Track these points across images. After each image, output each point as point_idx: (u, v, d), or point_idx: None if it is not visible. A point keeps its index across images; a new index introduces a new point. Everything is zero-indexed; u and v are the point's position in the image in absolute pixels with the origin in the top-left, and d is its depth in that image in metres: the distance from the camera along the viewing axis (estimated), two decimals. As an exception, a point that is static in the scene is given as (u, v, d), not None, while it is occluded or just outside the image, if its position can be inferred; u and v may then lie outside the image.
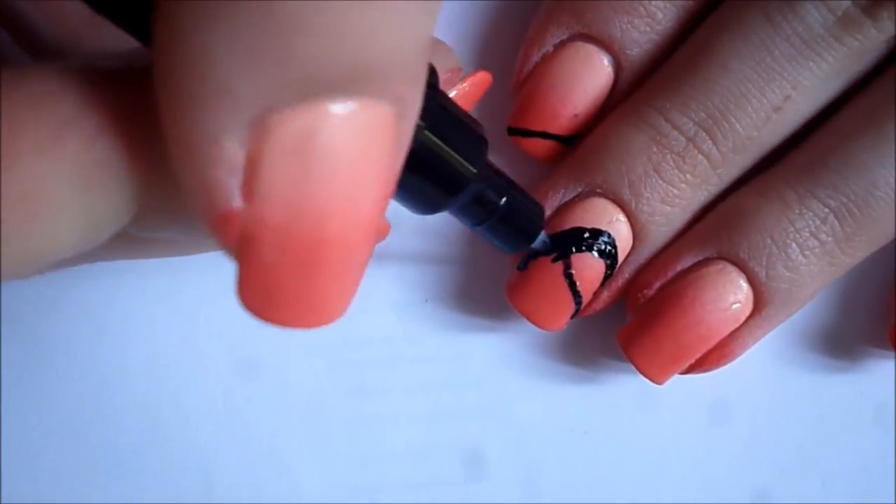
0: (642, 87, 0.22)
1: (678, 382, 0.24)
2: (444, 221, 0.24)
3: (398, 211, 0.25)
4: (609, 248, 0.21)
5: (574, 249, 0.21)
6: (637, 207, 0.21)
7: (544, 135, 0.22)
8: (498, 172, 0.19)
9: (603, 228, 0.21)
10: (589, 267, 0.21)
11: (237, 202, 0.11)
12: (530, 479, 0.24)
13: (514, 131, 0.22)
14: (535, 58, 0.22)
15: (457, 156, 0.16)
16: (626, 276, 0.22)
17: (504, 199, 0.19)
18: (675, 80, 0.21)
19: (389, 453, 0.23)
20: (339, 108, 0.11)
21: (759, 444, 0.24)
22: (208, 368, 0.23)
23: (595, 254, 0.21)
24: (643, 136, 0.21)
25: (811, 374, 0.24)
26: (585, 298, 0.22)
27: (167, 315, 0.24)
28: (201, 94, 0.11)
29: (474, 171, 0.17)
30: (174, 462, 0.23)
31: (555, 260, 0.21)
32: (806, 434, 0.24)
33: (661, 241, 0.22)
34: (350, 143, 0.11)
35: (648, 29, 0.21)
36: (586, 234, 0.21)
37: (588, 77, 0.22)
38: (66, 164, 0.11)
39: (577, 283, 0.21)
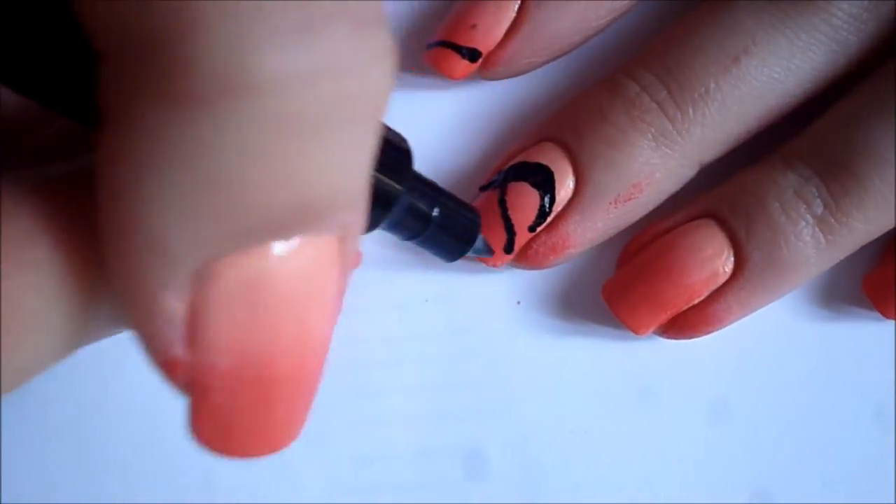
0: None
1: (678, 382, 0.24)
2: (444, 221, 0.24)
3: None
4: (544, 179, 0.21)
5: (511, 180, 0.22)
6: (578, 146, 0.21)
7: (443, 43, 0.22)
8: (428, 183, 0.19)
9: (542, 163, 0.22)
10: (522, 196, 0.22)
11: (179, 351, 0.11)
12: (530, 479, 0.24)
13: (427, 47, 0.23)
14: None
15: (381, 175, 0.16)
16: (571, 222, 0.22)
17: (436, 210, 0.19)
18: (644, 46, 0.22)
19: (389, 453, 0.23)
20: (281, 250, 0.10)
21: (759, 444, 0.24)
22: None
23: (530, 186, 0.22)
24: (599, 87, 0.22)
25: (811, 373, 0.24)
26: (518, 228, 0.22)
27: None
28: (138, 249, 0.10)
29: (400, 187, 0.17)
30: (174, 462, 0.23)
31: (489, 188, 0.22)
32: (806, 434, 0.24)
33: (606, 187, 0.21)
34: (295, 280, 0.11)
35: None
36: (523, 167, 0.22)
37: None
38: (37, 275, 0.11)
39: (509, 211, 0.22)
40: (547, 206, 0.22)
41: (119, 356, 0.23)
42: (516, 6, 0.22)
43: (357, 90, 0.10)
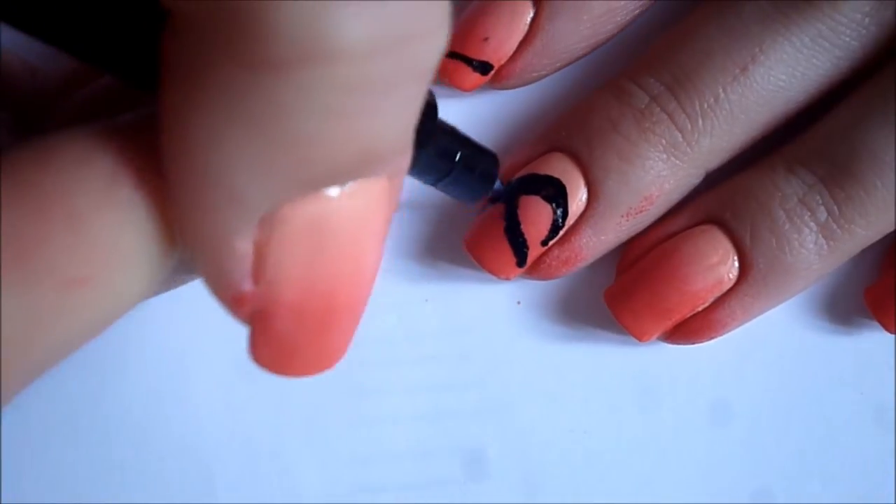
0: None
1: (678, 382, 0.24)
2: (444, 222, 0.24)
3: (397, 212, 0.25)
4: (556, 193, 0.21)
5: (522, 193, 0.22)
6: (590, 159, 0.21)
7: (453, 55, 0.22)
8: (449, 128, 0.19)
9: (554, 175, 0.21)
10: (534, 210, 0.21)
11: (247, 285, 0.12)
12: (530, 479, 0.24)
13: None
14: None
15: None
16: (583, 236, 0.22)
17: (459, 153, 0.19)
18: (648, 50, 0.22)
19: (389, 453, 0.23)
20: (341, 192, 0.11)
21: (759, 444, 0.24)
22: (209, 368, 0.23)
23: (542, 199, 0.21)
24: (608, 95, 0.21)
25: (812, 374, 0.24)
26: (530, 243, 0.22)
27: (168, 314, 0.24)
28: (213, 201, 0.11)
29: (429, 132, 0.17)
30: (175, 462, 0.23)
31: (504, 202, 0.22)
32: (806, 434, 0.24)
33: (619, 201, 0.21)
34: (353, 219, 0.12)
35: None
36: (535, 180, 0.22)
37: (502, 5, 0.22)
38: (124, 213, 0.11)
39: (521, 225, 0.21)
40: (560, 220, 0.21)
41: (119, 356, 0.23)
42: (528, 19, 0.22)
43: (422, 53, 0.11)
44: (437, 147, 0.19)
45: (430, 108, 0.17)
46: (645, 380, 0.24)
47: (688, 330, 0.22)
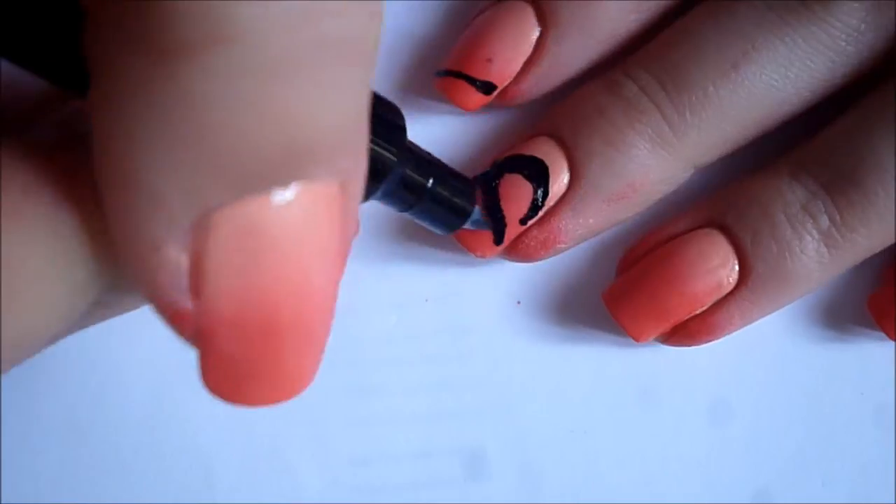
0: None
1: (678, 382, 0.24)
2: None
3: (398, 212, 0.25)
4: (538, 173, 0.21)
5: (505, 172, 0.22)
6: (574, 142, 0.21)
7: (457, 74, 0.22)
8: (422, 154, 0.19)
9: (537, 156, 0.21)
10: (515, 188, 0.22)
11: (185, 301, 0.11)
12: (530, 479, 0.24)
13: (438, 74, 0.23)
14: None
15: (374, 144, 0.16)
16: (563, 218, 0.22)
17: (431, 180, 0.19)
18: (644, 47, 0.22)
19: (389, 453, 0.23)
20: (278, 197, 0.10)
21: (759, 444, 0.24)
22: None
23: (524, 178, 0.21)
24: (599, 86, 0.22)
25: (811, 373, 0.24)
26: (509, 220, 0.22)
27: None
28: (136, 204, 0.10)
29: (394, 156, 0.16)
30: (174, 462, 0.23)
31: (483, 178, 0.22)
32: (806, 434, 0.24)
33: (601, 184, 0.21)
34: (294, 227, 0.11)
35: None
36: (518, 159, 0.22)
37: (507, 25, 0.22)
38: (34, 232, 0.11)
39: (500, 201, 0.22)
40: (540, 199, 0.21)
41: (118, 356, 0.23)
42: (533, 38, 0.22)
43: (336, 32, 0.10)
44: (404, 172, 0.18)
45: (397, 131, 0.17)
46: (645, 380, 0.24)
47: (685, 332, 0.22)
